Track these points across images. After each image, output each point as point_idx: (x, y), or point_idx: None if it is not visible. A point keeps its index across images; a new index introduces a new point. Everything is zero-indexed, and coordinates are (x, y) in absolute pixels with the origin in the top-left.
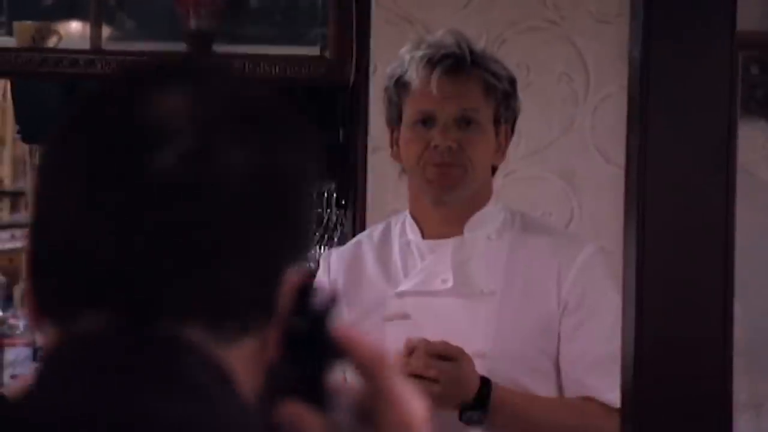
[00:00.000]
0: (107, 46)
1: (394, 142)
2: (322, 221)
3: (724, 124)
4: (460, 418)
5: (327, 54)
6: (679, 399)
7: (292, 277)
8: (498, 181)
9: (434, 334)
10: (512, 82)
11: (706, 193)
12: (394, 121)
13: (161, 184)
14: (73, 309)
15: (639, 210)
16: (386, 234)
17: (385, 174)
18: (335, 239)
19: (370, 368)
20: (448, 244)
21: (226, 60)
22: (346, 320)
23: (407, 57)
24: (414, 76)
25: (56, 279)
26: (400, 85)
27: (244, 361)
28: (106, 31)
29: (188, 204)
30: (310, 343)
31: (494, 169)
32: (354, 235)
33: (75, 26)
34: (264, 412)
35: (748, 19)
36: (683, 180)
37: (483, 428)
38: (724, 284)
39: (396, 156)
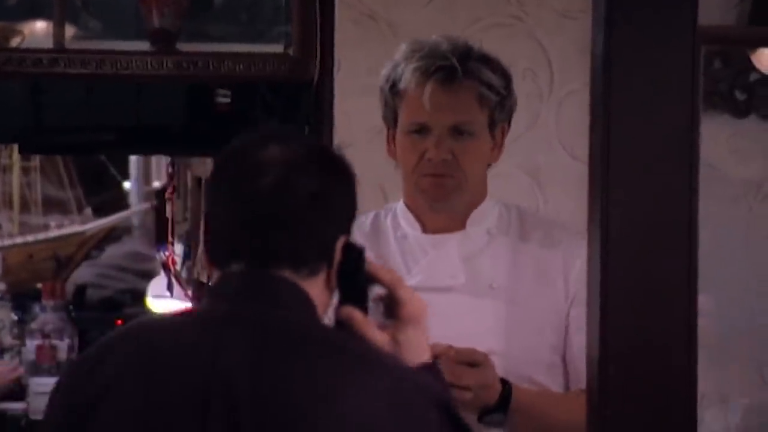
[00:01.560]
0: (71, 45)
1: (390, 140)
2: None
3: (686, 118)
4: (480, 420)
5: (291, 51)
6: (644, 391)
7: (341, 240)
8: None
9: (443, 331)
10: (507, 81)
11: (670, 187)
12: (390, 121)
13: (266, 196)
14: (227, 261)
15: (602, 204)
16: (376, 226)
17: None
18: None
19: (388, 285)
20: (451, 239)
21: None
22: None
23: (401, 65)
24: (407, 87)
25: (220, 245)
26: (394, 92)
27: (317, 289)
28: (69, 30)
29: (280, 205)
30: (355, 275)
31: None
32: None
33: (39, 26)
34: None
35: (710, 13)
36: (646, 174)
37: (502, 429)
38: (688, 277)
39: (392, 153)
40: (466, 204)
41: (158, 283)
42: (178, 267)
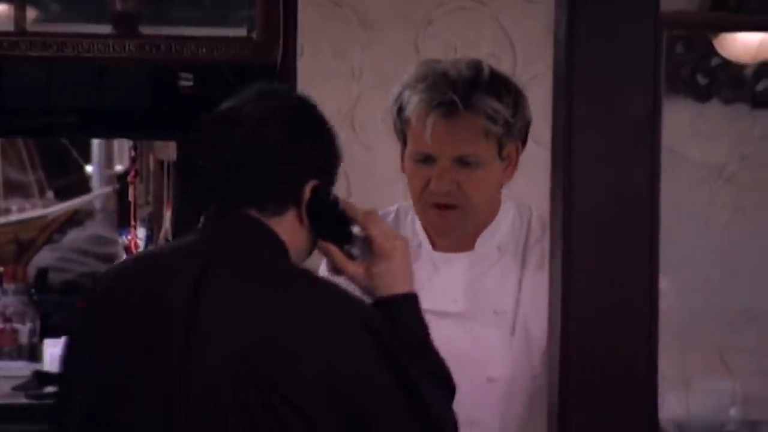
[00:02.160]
0: (32, 28)
1: (402, 157)
2: None
3: (649, 102)
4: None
5: (254, 35)
6: (605, 375)
7: (310, 184)
8: None
9: (445, 355)
10: (516, 104)
11: (632, 171)
12: (401, 140)
13: (234, 147)
14: (205, 204)
15: (565, 188)
16: (396, 225)
17: None
18: None
19: (361, 222)
20: (458, 260)
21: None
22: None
23: (407, 92)
24: (411, 116)
25: (199, 190)
26: (401, 117)
27: (285, 226)
28: (31, 13)
29: (246, 154)
30: (326, 214)
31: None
32: None
33: (0, 8)
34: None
35: None
36: (609, 158)
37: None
38: (650, 260)
39: (404, 170)
40: (475, 226)
41: None
42: (140, 251)
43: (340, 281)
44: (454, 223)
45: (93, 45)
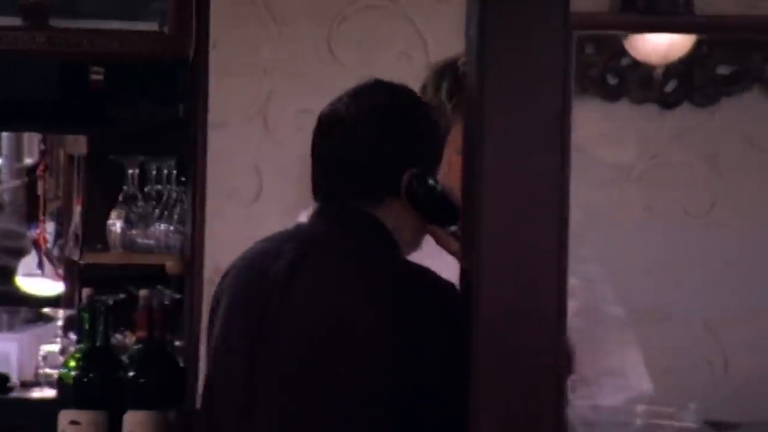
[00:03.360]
0: None
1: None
2: (162, 198)
3: (559, 102)
4: None
5: (166, 29)
6: (514, 375)
7: (408, 173)
8: None
9: None
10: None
11: (542, 169)
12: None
13: (332, 145)
14: (315, 197)
15: (475, 188)
16: None
17: (225, 150)
18: (175, 216)
19: (456, 202)
20: None
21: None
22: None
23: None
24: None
25: (312, 186)
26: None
27: (386, 212)
28: None
29: (344, 152)
30: (427, 199)
31: None
32: (194, 212)
33: None
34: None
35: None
36: (519, 157)
37: None
38: (559, 258)
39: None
40: None
41: (29, 261)
42: (49, 245)
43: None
44: None
45: (2, 37)
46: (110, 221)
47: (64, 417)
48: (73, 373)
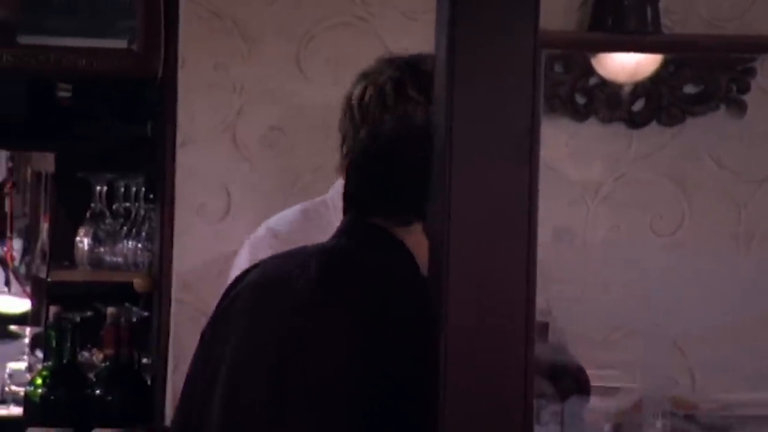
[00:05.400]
0: None
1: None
2: (130, 215)
3: (527, 120)
4: None
5: (135, 47)
6: (481, 394)
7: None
8: (311, 180)
9: None
10: None
11: (510, 188)
12: None
13: (369, 162)
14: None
15: (444, 206)
16: (312, 217)
17: (193, 168)
18: (143, 233)
19: None
20: None
21: None
22: None
23: None
24: None
25: (353, 204)
26: None
27: (412, 236)
28: None
29: (379, 171)
30: None
31: None
32: (162, 229)
33: None
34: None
35: (552, 18)
36: (488, 175)
37: None
38: (527, 277)
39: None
40: None
41: None
42: (16, 263)
43: None
44: None
45: None
46: (78, 238)
47: None
48: (40, 390)
